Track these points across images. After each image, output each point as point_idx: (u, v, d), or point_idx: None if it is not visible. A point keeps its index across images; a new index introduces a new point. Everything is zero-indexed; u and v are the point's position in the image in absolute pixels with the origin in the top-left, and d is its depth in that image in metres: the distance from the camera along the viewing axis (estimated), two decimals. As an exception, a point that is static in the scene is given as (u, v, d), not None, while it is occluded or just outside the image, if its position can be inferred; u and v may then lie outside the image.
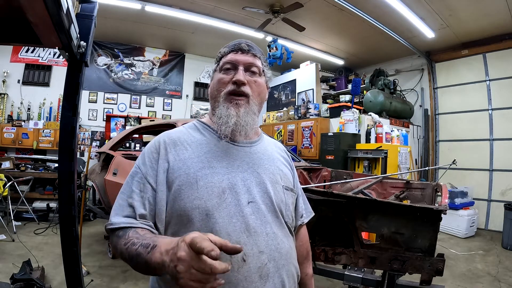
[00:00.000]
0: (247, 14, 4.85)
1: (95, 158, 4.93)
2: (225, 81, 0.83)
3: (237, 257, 0.70)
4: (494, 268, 3.38)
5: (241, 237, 0.72)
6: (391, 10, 4.42)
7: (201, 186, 0.74)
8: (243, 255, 0.70)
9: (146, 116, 6.52)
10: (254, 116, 0.83)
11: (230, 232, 0.71)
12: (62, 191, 1.34)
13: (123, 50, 6.57)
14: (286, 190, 0.86)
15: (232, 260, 0.69)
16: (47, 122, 5.67)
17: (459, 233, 4.62)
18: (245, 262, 0.70)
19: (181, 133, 0.86)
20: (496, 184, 5.08)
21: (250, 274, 0.70)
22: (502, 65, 5.07)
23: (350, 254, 1.57)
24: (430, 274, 1.44)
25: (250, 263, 0.71)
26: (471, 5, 4.23)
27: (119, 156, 3.17)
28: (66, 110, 1.34)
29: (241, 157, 0.82)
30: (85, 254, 3.25)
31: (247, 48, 0.85)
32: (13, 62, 5.68)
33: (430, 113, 6.08)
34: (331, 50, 6.48)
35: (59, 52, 1.22)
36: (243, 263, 0.70)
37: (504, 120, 5.07)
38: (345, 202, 1.53)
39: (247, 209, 0.75)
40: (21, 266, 2.54)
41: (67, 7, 0.97)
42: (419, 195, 2.33)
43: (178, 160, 0.78)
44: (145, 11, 4.78)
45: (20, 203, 4.53)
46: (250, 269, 0.71)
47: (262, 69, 0.88)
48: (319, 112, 5.63)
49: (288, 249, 0.80)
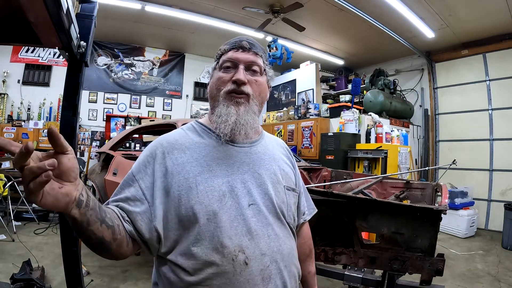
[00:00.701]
0: (247, 14, 4.85)
1: (95, 158, 4.93)
2: (224, 80, 0.81)
3: (239, 260, 0.69)
4: (494, 268, 3.37)
5: (243, 240, 0.71)
6: (391, 10, 4.42)
7: (201, 191, 0.73)
8: (245, 258, 0.70)
9: (146, 116, 6.52)
10: (254, 115, 0.81)
11: (231, 236, 0.71)
12: (62, 191, 1.33)
13: (123, 50, 6.57)
14: (288, 190, 0.85)
15: (234, 263, 0.69)
16: (47, 122, 5.67)
17: (459, 233, 4.62)
18: (247, 265, 0.70)
19: (179, 136, 0.83)
20: (496, 184, 5.08)
21: (252, 277, 0.70)
22: (502, 65, 5.07)
23: (350, 254, 1.57)
24: (430, 274, 1.44)
25: (252, 266, 0.70)
26: (471, 5, 4.23)
27: (119, 156, 3.17)
28: (66, 110, 1.34)
29: (240, 158, 0.81)
30: (85, 254, 3.22)
31: (248, 46, 0.83)
32: (13, 62, 5.68)
33: (430, 113, 6.08)
34: (331, 50, 6.48)
35: (59, 52, 1.22)
36: (245, 267, 0.70)
37: (504, 120, 5.07)
38: (345, 202, 1.53)
39: (248, 211, 0.74)
40: (21, 266, 2.54)
41: (67, 7, 0.98)
42: (419, 195, 2.33)
43: (176, 165, 0.76)
44: (145, 11, 4.78)
45: (20, 203, 4.53)
46: (253, 272, 0.70)
47: (264, 68, 0.85)
48: (319, 112, 5.63)
49: (290, 250, 0.80)
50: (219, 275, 0.69)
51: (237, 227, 0.72)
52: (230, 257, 0.69)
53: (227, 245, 0.69)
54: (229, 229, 0.71)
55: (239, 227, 0.72)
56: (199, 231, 0.70)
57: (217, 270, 0.69)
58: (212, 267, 0.69)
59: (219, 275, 0.69)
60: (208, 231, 0.70)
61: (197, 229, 0.70)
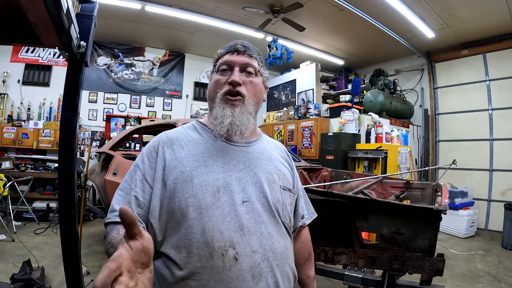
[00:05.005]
0: (247, 14, 4.85)
1: (95, 158, 4.93)
2: (221, 82, 0.84)
3: (229, 256, 0.70)
4: (494, 268, 3.37)
5: (234, 236, 0.72)
6: (391, 10, 4.42)
7: (195, 185, 0.75)
8: (235, 254, 0.71)
9: (146, 116, 6.52)
10: (249, 116, 0.84)
11: (223, 231, 0.72)
12: (62, 191, 1.34)
13: (123, 50, 6.56)
14: (284, 190, 0.86)
15: (224, 258, 0.70)
16: (47, 122, 5.67)
17: (459, 233, 4.62)
18: (237, 261, 0.71)
19: (179, 133, 0.87)
20: (496, 184, 5.08)
21: (242, 274, 0.71)
22: (502, 65, 5.07)
23: (350, 254, 1.57)
24: (430, 274, 1.44)
25: (242, 262, 0.71)
26: (471, 5, 4.23)
27: (119, 156, 3.17)
28: (66, 110, 1.34)
29: (237, 157, 0.83)
30: (85, 254, 3.25)
31: (243, 49, 0.86)
32: (13, 62, 5.68)
33: (430, 113, 6.08)
34: (331, 50, 6.48)
35: (59, 52, 1.22)
36: (235, 262, 0.70)
37: (504, 120, 5.07)
38: (345, 202, 1.52)
39: (241, 208, 0.75)
40: (21, 266, 2.54)
41: (67, 7, 0.97)
42: (419, 195, 2.33)
43: (174, 159, 0.79)
44: (145, 11, 4.78)
45: (20, 203, 4.52)
46: (242, 268, 0.71)
47: (258, 69, 0.88)
48: (319, 112, 5.63)
49: (284, 249, 0.80)
50: (208, 270, 0.69)
51: (229, 222, 0.73)
52: (220, 251, 0.70)
53: (217, 239, 0.71)
54: (221, 224, 0.72)
55: (231, 223, 0.73)
56: (191, 224, 0.72)
57: (206, 264, 0.69)
58: (202, 260, 0.70)
59: (208, 269, 0.69)
60: (200, 224, 0.72)
61: (189, 222, 0.72)
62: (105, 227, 0.76)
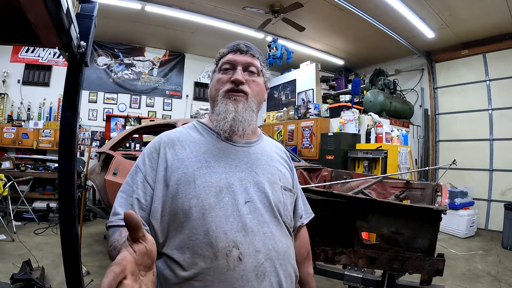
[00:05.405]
0: (247, 14, 4.85)
1: (95, 158, 4.93)
2: (223, 81, 0.84)
3: (233, 256, 0.70)
4: (494, 268, 3.37)
5: (237, 236, 0.72)
6: (391, 10, 4.42)
7: (198, 185, 0.75)
8: (239, 254, 0.71)
9: (146, 116, 6.52)
10: (252, 113, 0.84)
11: (226, 231, 0.72)
12: (62, 191, 1.34)
13: (123, 50, 6.56)
14: (285, 190, 0.87)
15: (228, 259, 0.70)
16: (47, 122, 5.67)
17: (459, 233, 4.61)
18: (241, 261, 0.71)
19: (180, 133, 0.87)
20: (496, 184, 5.08)
21: (246, 273, 0.71)
22: (502, 65, 5.07)
23: (350, 254, 1.57)
24: (430, 274, 1.44)
25: (246, 262, 0.71)
26: (471, 5, 4.23)
27: (119, 156, 3.17)
28: (66, 110, 1.33)
29: (239, 157, 0.83)
30: (85, 254, 3.25)
31: (246, 49, 0.87)
32: (13, 62, 5.68)
33: (430, 113, 6.08)
34: (331, 50, 6.48)
35: (59, 52, 1.22)
36: (239, 262, 0.70)
37: (504, 120, 5.07)
38: (345, 202, 1.52)
39: (244, 208, 0.75)
40: (21, 266, 2.53)
41: (67, 7, 0.97)
42: (419, 195, 2.33)
43: (176, 160, 0.79)
44: (145, 11, 4.78)
45: (20, 203, 4.52)
46: (246, 268, 0.71)
47: (261, 69, 0.89)
48: (319, 112, 5.63)
49: (286, 249, 0.80)
50: (212, 270, 0.69)
51: (233, 222, 0.73)
52: (224, 252, 0.70)
53: (221, 240, 0.71)
54: (224, 224, 0.72)
55: (234, 223, 0.73)
56: (194, 225, 0.72)
57: (211, 265, 0.69)
58: (206, 261, 0.70)
59: (212, 270, 0.69)
60: (203, 225, 0.72)
61: (192, 223, 0.72)
62: (107, 229, 0.76)
